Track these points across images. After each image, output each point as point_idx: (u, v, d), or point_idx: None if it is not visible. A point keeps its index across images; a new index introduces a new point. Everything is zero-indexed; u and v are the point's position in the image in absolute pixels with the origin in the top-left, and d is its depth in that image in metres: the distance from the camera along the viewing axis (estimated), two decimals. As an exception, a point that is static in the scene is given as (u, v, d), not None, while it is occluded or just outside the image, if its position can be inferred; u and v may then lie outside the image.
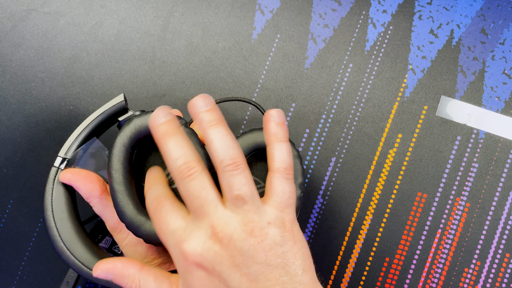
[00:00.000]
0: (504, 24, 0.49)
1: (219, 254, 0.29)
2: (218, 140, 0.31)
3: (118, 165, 0.36)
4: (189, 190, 0.31)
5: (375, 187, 0.47)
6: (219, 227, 0.30)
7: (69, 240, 0.38)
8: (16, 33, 0.49)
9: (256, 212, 0.31)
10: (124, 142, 0.37)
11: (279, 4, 0.49)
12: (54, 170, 0.39)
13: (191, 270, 0.30)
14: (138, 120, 0.37)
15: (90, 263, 0.37)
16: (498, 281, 0.46)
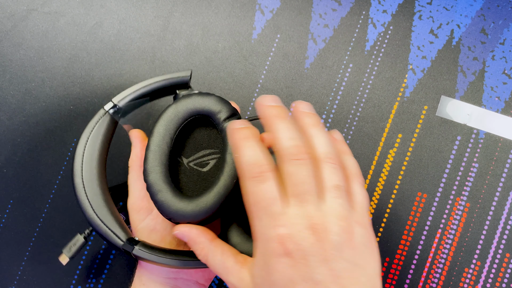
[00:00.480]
0: (504, 24, 0.49)
1: (313, 245, 0.29)
2: (321, 137, 0.32)
3: (158, 137, 0.37)
4: (297, 174, 0.30)
5: (375, 187, 0.47)
6: (319, 219, 0.30)
7: (89, 180, 0.38)
8: (16, 33, 0.49)
9: (347, 209, 0.31)
10: (174, 117, 0.37)
11: (279, 4, 0.49)
12: (102, 111, 0.40)
13: (279, 255, 0.29)
14: (194, 99, 0.38)
15: (100, 209, 0.38)
16: (498, 281, 0.46)
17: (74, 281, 0.48)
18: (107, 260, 0.48)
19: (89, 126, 0.40)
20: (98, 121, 0.40)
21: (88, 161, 0.39)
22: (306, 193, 0.30)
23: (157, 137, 0.37)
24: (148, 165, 0.36)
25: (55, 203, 0.48)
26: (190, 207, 0.36)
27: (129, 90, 0.41)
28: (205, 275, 0.42)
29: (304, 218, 0.30)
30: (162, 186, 0.36)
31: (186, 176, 0.38)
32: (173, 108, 0.38)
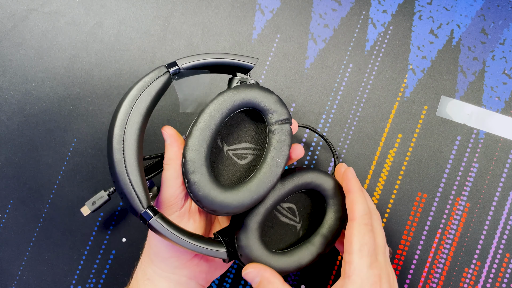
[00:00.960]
0: (504, 24, 0.49)
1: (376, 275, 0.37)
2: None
3: (204, 123, 0.37)
4: (380, 231, 0.39)
5: (375, 187, 0.47)
6: (383, 273, 0.37)
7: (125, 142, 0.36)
8: (16, 33, 0.49)
9: (388, 264, 0.40)
10: (229, 102, 0.37)
11: (279, 4, 0.49)
12: (163, 69, 0.38)
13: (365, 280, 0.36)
14: (254, 91, 0.38)
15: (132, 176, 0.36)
16: (498, 281, 0.46)
17: (74, 281, 0.48)
18: (107, 260, 0.48)
19: (146, 79, 0.37)
20: (157, 78, 0.37)
21: (135, 115, 0.36)
22: (375, 255, 0.37)
23: (207, 116, 0.37)
24: (191, 141, 0.36)
25: (55, 203, 0.48)
26: (224, 197, 0.36)
27: (195, 56, 0.39)
28: (206, 277, 0.42)
29: (381, 268, 0.37)
30: (200, 168, 0.36)
31: (221, 162, 0.39)
32: (230, 93, 0.37)
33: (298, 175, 0.40)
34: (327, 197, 0.41)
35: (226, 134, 0.39)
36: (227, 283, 0.48)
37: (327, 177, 0.41)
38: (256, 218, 0.39)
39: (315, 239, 0.40)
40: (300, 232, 0.41)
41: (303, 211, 0.41)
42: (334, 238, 0.40)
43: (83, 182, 0.48)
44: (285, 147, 0.38)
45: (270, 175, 0.38)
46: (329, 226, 0.40)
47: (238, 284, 0.48)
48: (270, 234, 0.40)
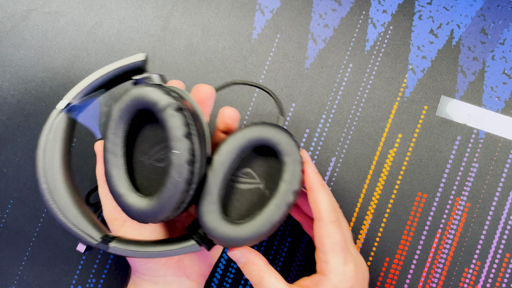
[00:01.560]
0: (504, 24, 0.49)
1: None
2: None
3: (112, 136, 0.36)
4: (342, 235, 0.39)
5: (375, 187, 0.47)
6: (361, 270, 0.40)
7: (54, 184, 0.37)
8: (16, 33, 0.49)
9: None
10: (124, 111, 0.36)
11: (279, 4, 0.49)
12: (55, 112, 0.37)
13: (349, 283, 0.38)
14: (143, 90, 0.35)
15: (68, 211, 0.37)
16: (498, 281, 0.46)
17: (74, 281, 0.48)
18: (107, 260, 0.48)
19: (44, 129, 0.37)
20: (53, 123, 0.37)
21: (50, 167, 0.37)
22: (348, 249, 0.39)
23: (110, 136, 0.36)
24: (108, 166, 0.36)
25: (55, 203, 0.48)
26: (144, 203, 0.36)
27: (81, 84, 0.38)
28: (196, 271, 0.42)
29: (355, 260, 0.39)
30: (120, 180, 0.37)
31: (146, 173, 0.38)
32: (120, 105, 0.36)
33: (240, 136, 0.37)
34: (278, 147, 0.37)
35: (139, 145, 0.38)
36: (227, 283, 0.48)
37: (271, 128, 0.38)
38: (213, 196, 0.37)
39: (279, 192, 0.37)
40: (266, 192, 0.38)
41: (261, 171, 0.39)
42: (298, 184, 0.37)
43: (83, 182, 0.48)
44: (177, 131, 0.35)
45: (177, 165, 0.35)
46: (289, 175, 0.37)
47: (238, 284, 0.48)
48: (237, 207, 0.38)
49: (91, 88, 0.38)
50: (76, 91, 0.38)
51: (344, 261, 0.38)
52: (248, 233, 0.36)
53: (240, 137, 0.37)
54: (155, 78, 0.38)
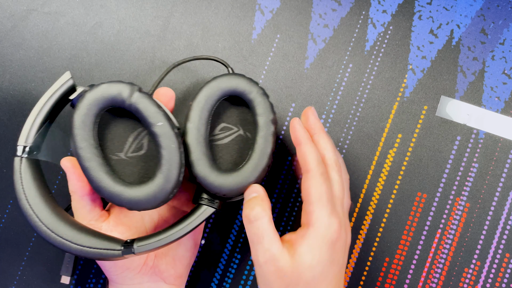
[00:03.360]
0: (504, 24, 0.49)
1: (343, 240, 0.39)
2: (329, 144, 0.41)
3: (83, 143, 0.37)
4: (338, 181, 0.40)
5: (375, 187, 0.47)
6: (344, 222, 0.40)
7: (52, 223, 0.37)
8: (16, 33, 0.49)
9: (346, 214, 0.43)
10: (84, 119, 0.37)
11: (279, 4, 0.49)
12: (17, 160, 0.38)
13: (331, 241, 0.37)
14: (94, 94, 0.37)
15: (78, 239, 0.37)
16: (498, 281, 0.46)
17: (74, 281, 0.48)
18: (107, 260, 0.48)
19: (16, 180, 0.38)
20: (21, 172, 0.38)
21: (39, 211, 0.37)
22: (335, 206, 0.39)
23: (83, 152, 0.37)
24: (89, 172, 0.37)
25: (55, 203, 0.48)
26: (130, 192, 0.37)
27: (27, 125, 0.38)
28: (173, 274, 0.42)
29: (340, 217, 0.39)
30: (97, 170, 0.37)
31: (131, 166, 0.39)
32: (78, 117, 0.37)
33: (202, 98, 0.40)
34: (238, 90, 0.41)
35: (111, 145, 0.39)
36: (227, 283, 0.48)
37: (223, 79, 0.41)
38: (204, 154, 0.39)
39: (259, 127, 0.40)
40: (247, 134, 0.42)
41: (234, 119, 0.42)
42: (272, 112, 0.41)
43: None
44: (153, 108, 0.38)
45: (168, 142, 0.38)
46: (261, 108, 0.40)
47: (238, 284, 0.48)
48: (229, 160, 0.41)
49: (38, 125, 0.39)
50: (26, 133, 0.38)
51: (330, 213, 0.37)
52: (250, 171, 0.39)
53: (202, 99, 0.40)
54: (86, 90, 0.39)
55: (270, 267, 0.37)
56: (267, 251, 0.37)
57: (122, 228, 0.40)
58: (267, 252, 0.37)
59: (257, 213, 0.37)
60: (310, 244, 0.37)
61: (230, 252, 0.48)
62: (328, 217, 0.37)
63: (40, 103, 0.39)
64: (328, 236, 0.37)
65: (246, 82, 0.41)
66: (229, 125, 0.41)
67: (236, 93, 0.41)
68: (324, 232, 0.37)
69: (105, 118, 0.39)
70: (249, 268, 0.47)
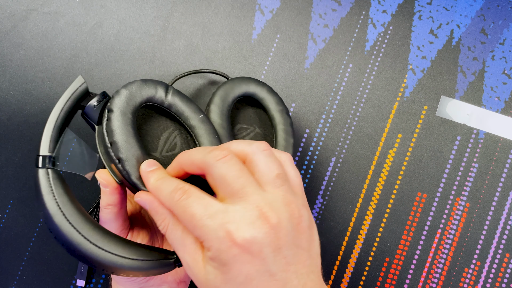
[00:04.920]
0: (504, 24, 0.49)
1: (268, 235, 0.28)
2: (239, 142, 0.33)
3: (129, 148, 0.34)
4: (228, 173, 0.30)
5: (375, 187, 0.47)
6: (266, 207, 0.29)
7: (99, 240, 0.34)
8: (16, 33, 0.49)
9: (292, 194, 0.31)
10: (124, 122, 0.34)
11: (279, 4, 0.49)
12: (43, 171, 0.35)
13: (234, 255, 0.28)
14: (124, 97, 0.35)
15: (130, 253, 0.34)
16: (498, 281, 0.46)
17: (74, 281, 0.48)
18: (107, 260, 0.48)
19: (45, 193, 0.34)
20: (51, 183, 0.34)
21: (83, 228, 0.33)
22: (245, 187, 0.29)
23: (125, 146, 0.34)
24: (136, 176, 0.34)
25: (55, 203, 0.48)
26: None
27: (46, 134, 0.35)
28: (176, 279, 0.42)
29: (251, 210, 0.29)
30: None
31: (166, 166, 0.39)
32: (118, 114, 0.35)
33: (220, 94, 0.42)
34: (250, 91, 0.43)
35: (144, 145, 0.37)
36: (227, 283, 0.48)
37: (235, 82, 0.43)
38: None
39: (278, 121, 0.43)
40: (265, 132, 0.43)
41: (248, 120, 0.43)
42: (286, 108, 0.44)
43: (83, 182, 0.48)
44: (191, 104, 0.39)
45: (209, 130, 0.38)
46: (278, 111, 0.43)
47: (238, 284, 0.48)
48: None
49: (56, 133, 0.36)
50: (46, 142, 0.35)
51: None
52: None
53: (218, 100, 0.41)
54: (99, 96, 0.37)
55: None
56: (184, 262, 0.32)
57: (143, 234, 0.40)
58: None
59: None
60: (214, 258, 0.29)
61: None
62: (217, 231, 0.29)
63: (56, 109, 0.36)
64: (224, 253, 0.28)
65: (255, 83, 0.43)
66: (245, 126, 0.43)
67: (248, 93, 0.43)
68: (220, 248, 0.29)
69: (138, 118, 0.38)
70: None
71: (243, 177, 0.29)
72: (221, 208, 0.29)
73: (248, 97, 0.43)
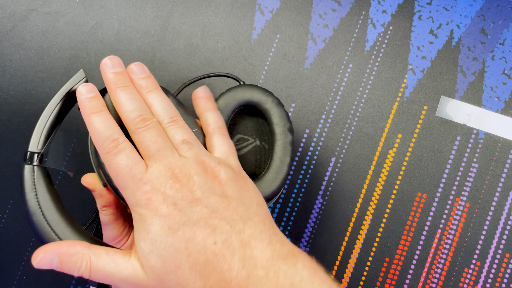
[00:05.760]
0: (504, 24, 0.49)
1: (179, 190, 0.30)
2: (158, 104, 0.35)
3: None
4: (146, 138, 0.32)
5: (375, 187, 0.47)
6: (178, 168, 0.31)
7: (67, 236, 0.33)
8: (16, 33, 0.49)
9: (204, 155, 0.33)
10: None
11: (279, 4, 0.49)
12: (29, 168, 0.34)
13: (151, 213, 0.30)
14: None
15: None
16: (498, 281, 0.46)
17: (74, 281, 0.48)
18: (107, 260, 0.48)
19: (27, 190, 0.34)
20: (35, 184, 0.34)
21: (59, 227, 0.33)
22: (160, 150, 0.32)
23: None
24: None
25: (55, 203, 0.48)
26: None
27: (38, 128, 0.35)
28: None
29: (164, 171, 0.31)
30: None
31: None
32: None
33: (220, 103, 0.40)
34: (253, 100, 0.41)
35: None
36: (227, 283, 0.48)
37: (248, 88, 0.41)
38: None
39: (277, 136, 0.40)
40: (264, 145, 0.42)
41: (249, 131, 0.42)
42: (288, 121, 0.41)
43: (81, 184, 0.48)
44: (186, 116, 0.37)
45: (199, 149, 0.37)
46: (277, 116, 0.40)
47: (238, 284, 0.48)
48: (247, 170, 0.40)
49: (48, 129, 0.35)
50: (37, 137, 0.35)
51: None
52: (271, 181, 0.39)
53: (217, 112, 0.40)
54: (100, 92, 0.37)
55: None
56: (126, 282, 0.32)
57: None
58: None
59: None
60: (138, 237, 0.31)
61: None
62: (135, 191, 0.31)
63: (53, 103, 0.35)
64: (142, 217, 0.31)
65: (261, 92, 0.41)
66: (245, 136, 0.42)
67: (251, 103, 0.41)
68: (137, 216, 0.31)
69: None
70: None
71: (159, 142, 0.32)
72: (142, 169, 0.31)
73: (252, 106, 0.42)
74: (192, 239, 0.30)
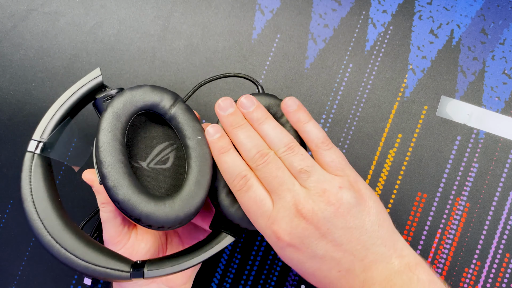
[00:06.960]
0: (504, 24, 0.49)
1: (306, 229, 0.33)
2: (271, 133, 0.36)
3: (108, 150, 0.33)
4: (266, 173, 0.34)
5: (375, 187, 0.47)
6: (301, 204, 0.33)
7: (57, 232, 0.33)
8: (16, 33, 0.49)
9: (324, 181, 0.34)
10: (113, 124, 0.34)
11: (279, 4, 0.49)
12: (29, 155, 0.34)
13: (283, 247, 0.34)
14: (124, 99, 0.34)
15: (85, 254, 0.33)
16: (498, 281, 0.46)
17: (74, 281, 0.48)
18: (107, 260, 0.48)
19: (23, 181, 0.34)
20: (31, 171, 0.34)
21: (45, 217, 0.33)
22: (281, 184, 0.34)
23: (106, 148, 0.33)
24: (110, 181, 0.32)
25: (55, 203, 0.48)
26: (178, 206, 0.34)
27: (45, 119, 0.35)
28: (180, 282, 0.42)
29: (289, 208, 0.33)
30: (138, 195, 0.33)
31: (150, 178, 0.36)
32: (111, 114, 0.34)
33: None
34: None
35: (134, 152, 0.36)
36: (227, 283, 0.48)
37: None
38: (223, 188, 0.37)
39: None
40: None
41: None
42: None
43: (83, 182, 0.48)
44: (193, 123, 0.36)
45: (202, 156, 0.36)
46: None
47: (238, 284, 0.48)
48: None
49: (56, 121, 0.36)
50: (43, 127, 0.35)
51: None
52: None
53: None
54: (114, 92, 0.37)
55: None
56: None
57: (149, 237, 0.40)
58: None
59: None
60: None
61: (230, 252, 0.48)
62: (266, 229, 0.35)
63: (64, 96, 0.36)
64: (277, 250, 0.35)
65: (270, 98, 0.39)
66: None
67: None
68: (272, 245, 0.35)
69: (135, 120, 0.36)
70: (249, 268, 0.47)
71: (279, 176, 0.34)
72: (270, 206, 0.34)
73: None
74: (319, 268, 0.33)
